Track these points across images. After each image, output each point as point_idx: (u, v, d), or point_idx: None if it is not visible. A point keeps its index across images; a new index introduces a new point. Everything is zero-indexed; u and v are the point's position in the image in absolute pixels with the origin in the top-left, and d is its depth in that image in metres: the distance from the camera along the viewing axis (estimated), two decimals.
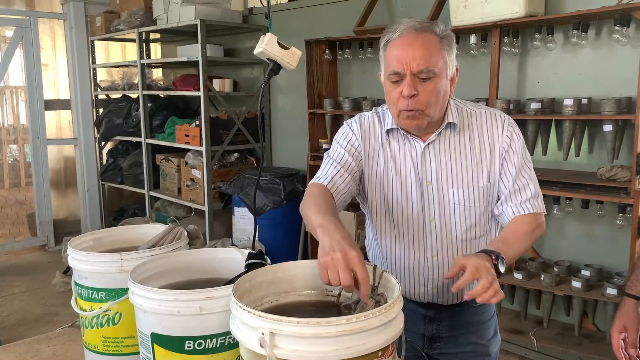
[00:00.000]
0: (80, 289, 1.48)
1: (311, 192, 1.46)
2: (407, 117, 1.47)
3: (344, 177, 1.53)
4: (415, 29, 1.43)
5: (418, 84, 1.42)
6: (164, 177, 5.33)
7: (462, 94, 3.84)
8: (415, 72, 1.41)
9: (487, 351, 1.69)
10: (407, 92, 1.42)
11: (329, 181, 1.50)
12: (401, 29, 1.45)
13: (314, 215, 1.31)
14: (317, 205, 1.36)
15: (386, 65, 1.48)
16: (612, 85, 3.10)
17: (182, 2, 4.75)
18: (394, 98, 1.47)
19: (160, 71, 6.21)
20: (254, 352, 0.97)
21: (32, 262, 5.48)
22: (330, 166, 1.55)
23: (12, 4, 5.63)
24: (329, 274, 1.12)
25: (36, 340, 1.80)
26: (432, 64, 1.41)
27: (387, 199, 1.58)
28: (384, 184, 1.58)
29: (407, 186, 1.55)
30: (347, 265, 1.11)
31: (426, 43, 1.42)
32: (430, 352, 1.66)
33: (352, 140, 1.59)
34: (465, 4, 3.34)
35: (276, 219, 4.34)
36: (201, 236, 1.85)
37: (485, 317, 1.69)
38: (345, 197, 1.53)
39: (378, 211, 1.60)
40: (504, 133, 1.54)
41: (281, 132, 5.12)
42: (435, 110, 1.47)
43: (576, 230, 3.36)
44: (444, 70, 1.45)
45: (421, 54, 1.41)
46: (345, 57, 4.33)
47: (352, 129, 1.61)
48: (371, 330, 0.95)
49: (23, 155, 5.92)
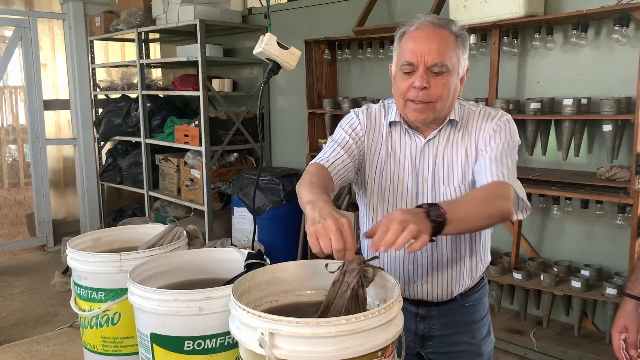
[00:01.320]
0: (79, 289, 1.47)
1: (309, 171, 1.47)
2: (414, 110, 1.47)
3: (345, 161, 1.54)
4: (433, 23, 1.45)
5: (430, 77, 1.43)
6: (163, 177, 5.33)
7: (462, 94, 3.86)
8: (429, 65, 1.42)
9: (480, 351, 1.69)
10: (419, 83, 1.43)
11: (330, 164, 1.51)
12: (419, 22, 1.46)
13: (306, 193, 1.31)
14: (311, 184, 1.36)
15: (400, 56, 1.49)
16: (612, 85, 3.10)
17: (182, 2, 4.75)
18: (404, 88, 1.47)
19: (159, 71, 6.21)
20: (254, 352, 0.96)
21: (32, 262, 5.47)
22: (332, 149, 1.56)
23: (11, 4, 5.63)
24: (321, 241, 1.13)
25: (35, 340, 1.80)
26: (446, 59, 1.43)
27: (384, 192, 1.59)
28: (382, 176, 1.59)
29: (403, 181, 1.57)
30: (338, 229, 1.12)
31: (442, 38, 1.44)
32: (423, 351, 1.66)
33: (357, 129, 1.60)
34: (465, 4, 3.34)
35: (276, 219, 4.34)
36: (200, 236, 1.85)
37: (477, 316, 1.69)
38: (343, 180, 1.55)
39: (374, 203, 1.61)
40: (491, 125, 1.54)
41: (281, 132, 5.12)
42: (444, 106, 1.48)
43: (576, 230, 3.36)
44: (457, 67, 1.47)
45: (437, 48, 1.42)
46: (345, 57, 4.33)
47: (358, 118, 1.62)
48: (371, 330, 0.95)
49: (22, 155, 5.91)
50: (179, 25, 4.78)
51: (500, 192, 1.39)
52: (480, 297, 1.70)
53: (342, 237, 1.11)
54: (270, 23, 2.26)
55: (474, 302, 1.68)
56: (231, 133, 4.83)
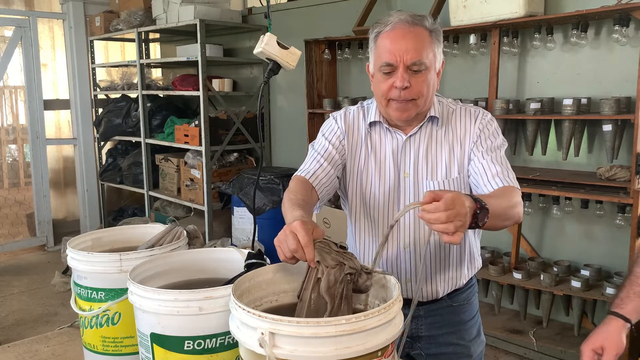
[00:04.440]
0: (79, 289, 1.47)
1: (289, 189, 1.48)
2: (397, 109, 1.50)
3: (326, 169, 1.56)
4: (407, 22, 1.46)
5: (410, 76, 1.45)
6: (163, 177, 5.33)
7: (461, 94, 3.86)
8: (408, 64, 1.44)
9: (469, 352, 1.68)
10: (400, 83, 1.45)
11: (311, 174, 1.54)
12: (393, 22, 1.47)
13: (285, 213, 1.34)
14: (290, 201, 1.38)
15: (377, 57, 1.50)
16: (612, 85, 3.10)
17: (182, 2, 4.75)
18: (385, 89, 1.49)
19: (159, 71, 6.21)
20: (254, 352, 0.97)
21: (31, 262, 5.47)
22: (313, 159, 1.58)
23: (11, 4, 5.63)
24: (280, 249, 1.14)
25: (35, 340, 1.80)
26: (423, 56, 1.45)
27: (365, 192, 1.60)
28: (363, 176, 1.61)
29: (385, 178, 1.58)
30: (292, 232, 1.12)
31: (418, 36, 1.45)
32: (412, 352, 1.66)
33: (337, 133, 1.63)
34: (465, 3, 3.34)
35: (276, 218, 4.33)
36: (200, 236, 1.85)
37: (466, 317, 1.68)
38: (328, 189, 1.57)
39: (356, 204, 1.63)
40: (476, 125, 1.56)
41: (281, 132, 5.12)
42: (426, 102, 1.51)
43: (576, 230, 3.36)
44: (434, 63, 1.49)
45: (414, 47, 1.44)
46: (345, 57, 4.33)
47: (337, 123, 1.65)
48: (370, 330, 0.95)
49: (22, 155, 5.91)
50: (179, 25, 4.78)
51: (517, 199, 1.44)
52: (468, 297, 1.69)
53: (295, 237, 1.12)
54: (270, 23, 2.25)
55: (461, 302, 1.67)
56: (231, 133, 4.83)
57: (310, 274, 1.12)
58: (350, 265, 1.11)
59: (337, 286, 1.09)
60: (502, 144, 1.57)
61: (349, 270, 1.11)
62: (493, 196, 1.39)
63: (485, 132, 1.55)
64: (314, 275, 1.11)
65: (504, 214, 1.35)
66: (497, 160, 1.51)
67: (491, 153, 1.52)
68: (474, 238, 1.67)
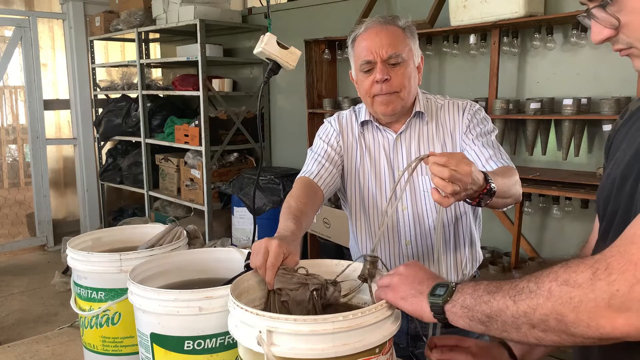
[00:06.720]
0: (79, 289, 1.48)
1: (292, 193, 1.51)
2: (381, 103, 1.54)
3: (329, 169, 1.61)
4: (379, 22, 1.55)
5: (389, 69, 1.51)
6: (163, 177, 5.33)
7: (461, 94, 3.85)
8: (385, 58, 1.50)
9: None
10: (379, 76, 1.50)
11: (315, 175, 1.58)
12: (366, 24, 1.56)
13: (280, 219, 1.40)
14: (288, 209, 1.42)
15: (357, 58, 1.56)
16: (612, 85, 3.10)
17: (182, 2, 4.75)
18: (367, 86, 1.54)
19: (159, 71, 6.21)
20: (252, 350, 0.97)
21: (31, 262, 5.48)
22: (314, 160, 1.63)
23: (11, 4, 5.63)
24: (252, 257, 1.17)
25: (35, 340, 1.80)
26: (399, 49, 1.51)
27: (363, 191, 1.64)
28: (360, 176, 1.65)
29: (380, 176, 1.63)
30: (265, 248, 1.15)
31: (391, 32, 1.53)
32: (416, 351, 1.66)
33: (334, 136, 1.68)
34: (465, 3, 3.34)
35: (276, 219, 4.24)
36: (200, 236, 1.85)
37: None
38: (332, 188, 1.62)
39: (355, 203, 1.67)
40: (464, 116, 1.61)
41: (281, 132, 5.12)
42: (409, 94, 1.55)
43: (576, 230, 3.36)
44: (411, 56, 1.55)
45: (388, 42, 1.51)
46: (345, 57, 4.33)
47: (332, 126, 1.70)
48: (368, 327, 0.95)
49: (22, 155, 5.91)
50: (179, 25, 4.78)
51: (516, 177, 1.46)
52: None
53: (264, 255, 1.14)
54: (270, 23, 2.26)
55: None
56: (231, 133, 4.83)
57: (272, 299, 1.14)
58: (313, 282, 1.13)
59: (306, 305, 1.11)
60: (493, 129, 1.61)
61: (313, 287, 1.12)
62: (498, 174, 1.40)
63: (474, 121, 1.59)
64: (277, 300, 1.14)
65: (508, 191, 1.37)
66: (489, 144, 1.55)
67: (482, 138, 1.56)
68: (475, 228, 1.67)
